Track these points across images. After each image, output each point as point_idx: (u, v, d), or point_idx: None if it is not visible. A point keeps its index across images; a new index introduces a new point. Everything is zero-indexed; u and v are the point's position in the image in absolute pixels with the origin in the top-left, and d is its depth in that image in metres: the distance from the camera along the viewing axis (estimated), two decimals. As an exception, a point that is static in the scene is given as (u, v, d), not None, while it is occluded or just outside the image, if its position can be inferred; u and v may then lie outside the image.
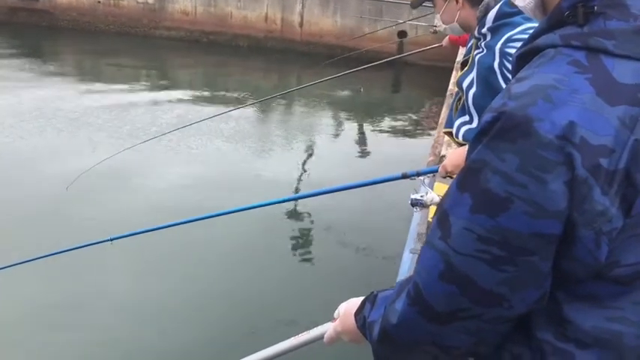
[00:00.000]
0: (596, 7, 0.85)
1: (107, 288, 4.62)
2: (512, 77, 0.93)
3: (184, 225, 2.97)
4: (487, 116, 0.86)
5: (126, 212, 5.70)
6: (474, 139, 0.88)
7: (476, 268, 0.87)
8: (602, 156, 0.79)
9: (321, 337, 1.35)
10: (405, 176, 2.46)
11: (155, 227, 2.96)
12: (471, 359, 1.03)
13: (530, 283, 0.87)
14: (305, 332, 1.39)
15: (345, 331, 1.23)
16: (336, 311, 1.28)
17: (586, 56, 0.83)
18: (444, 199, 0.94)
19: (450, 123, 2.47)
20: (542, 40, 0.90)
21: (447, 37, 5.41)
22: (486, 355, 1.00)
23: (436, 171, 2.46)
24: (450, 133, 2.49)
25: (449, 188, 0.93)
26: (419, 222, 3.31)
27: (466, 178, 0.89)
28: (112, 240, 2.78)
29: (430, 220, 2.93)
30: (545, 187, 0.80)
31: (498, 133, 0.83)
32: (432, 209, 2.72)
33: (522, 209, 0.81)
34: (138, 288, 4.66)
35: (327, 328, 1.32)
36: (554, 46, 0.87)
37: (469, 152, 0.90)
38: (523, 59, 0.92)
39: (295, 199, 3.20)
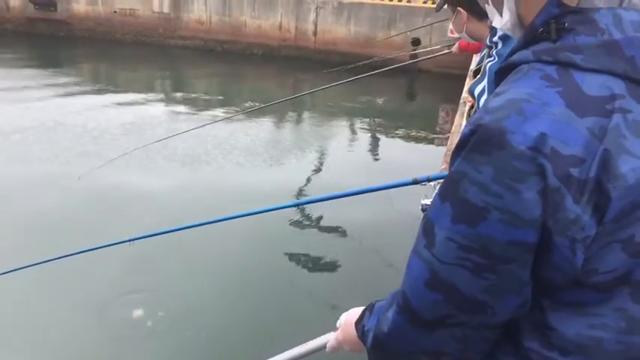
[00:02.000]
0: (567, 24, 0.88)
1: (124, 289, 4.68)
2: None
3: (199, 227, 3.00)
4: (466, 129, 0.90)
5: (142, 215, 5.79)
6: (455, 152, 0.92)
7: (459, 276, 0.90)
8: (573, 165, 0.82)
9: (323, 347, 1.37)
10: (416, 182, 2.46)
11: (174, 228, 2.99)
12: None
13: (511, 290, 0.90)
14: (307, 342, 1.41)
15: (347, 340, 1.25)
16: (338, 321, 1.30)
17: (557, 70, 0.86)
18: (429, 208, 0.97)
19: None
20: (517, 57, 0.94)
21: (457, 44, 5.41)
22: None
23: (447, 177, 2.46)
24: None
25: (433, 198, 0.96)
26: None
27: (447, 189, 0.92)
28: (130, 241, 2.79)
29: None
30: (519, 197, 0.83)
31: (475, 145, 0.87)
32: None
33: (499, 218, 0.85)
34: (152, 290, 4.72)
35: (330, 338, 1.34)
36: (527, 62, 0.90)
37: (450, 164, 0.93)
38: (501, 75, 0.96)
39: (306, 204, 3.23)
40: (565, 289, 0.90)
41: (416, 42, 13.42)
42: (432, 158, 6.57)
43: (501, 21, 1.03)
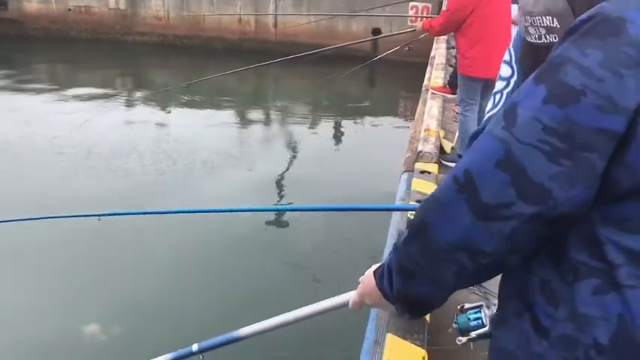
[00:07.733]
0: None
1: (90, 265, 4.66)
2: None
3: (171, 215, 2.97)
4: (583, 16, 0.91)
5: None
6: (561, 39, 0.92)
7: (533, 158, 0.88)
8: None
9: (346, 304, 1.35)
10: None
11: (143, 211, 2.96)
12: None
13: (582, 181, 0.88)
14: (329, 299, 1.39)
15: (367, 292, 1.21)
16: (361, 277, 1.27)
17: None
18: (514, 95, 0.96)
19: None
20: None
21: (422, 23, 5.45)
22: (516, 280, 1.02)
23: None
24: None
25: (523, 84, 0.95)
26: (398, 220, 3.33)
27: (544, 72, 0.92)
28: (99, 216, 2.72)
29: (410, 216, 2.95)
30: (621, 82, 0.84)
31: (589, 29, 0.88)
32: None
33: (593, 102, 0.85)
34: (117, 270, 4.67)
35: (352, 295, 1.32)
36: None
37: (552, 53, 0.93)
38: None
39: (276, 211, 3.20)
40: (622, 200, 0.88)
41: (376, 32, 13.45)
42: (396, 147, 6.60)
43: None
